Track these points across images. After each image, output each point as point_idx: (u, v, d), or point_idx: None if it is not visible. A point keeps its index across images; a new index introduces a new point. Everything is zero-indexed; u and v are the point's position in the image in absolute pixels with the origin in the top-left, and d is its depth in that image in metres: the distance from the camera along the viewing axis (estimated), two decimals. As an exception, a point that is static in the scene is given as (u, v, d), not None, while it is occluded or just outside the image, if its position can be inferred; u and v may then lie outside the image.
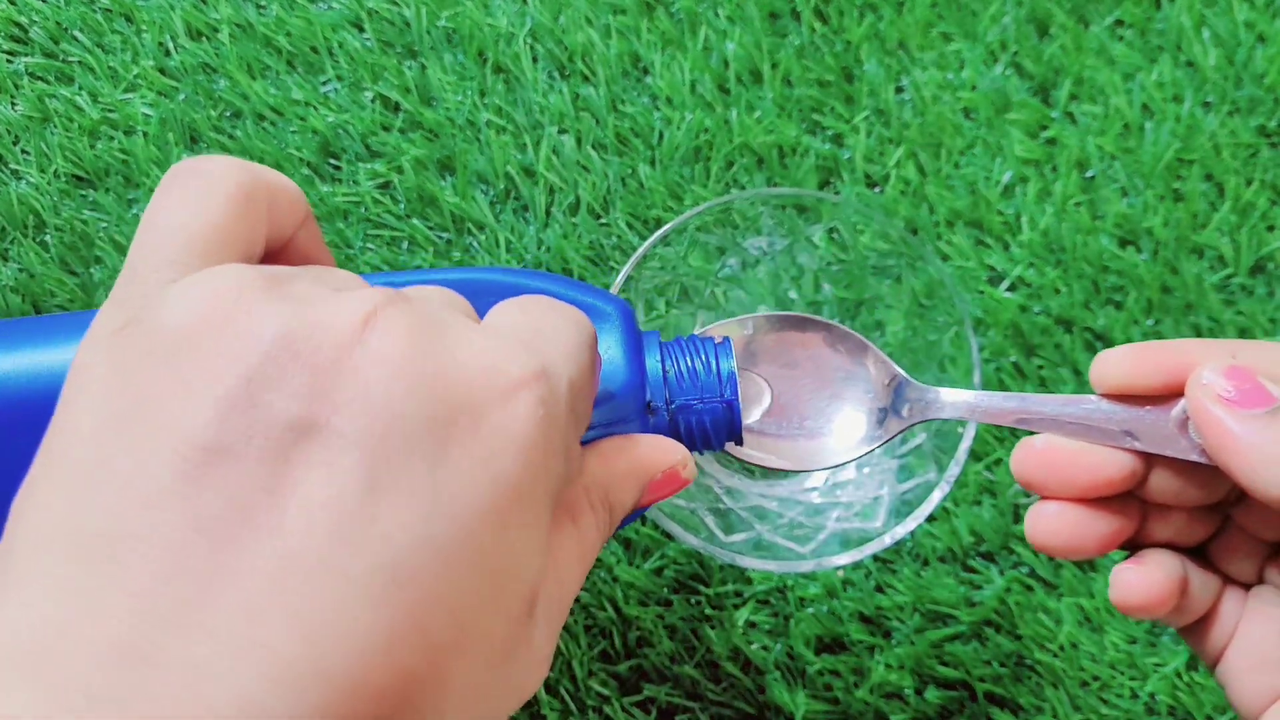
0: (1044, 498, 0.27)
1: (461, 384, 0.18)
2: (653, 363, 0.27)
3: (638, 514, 0.26)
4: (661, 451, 0.25)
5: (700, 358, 0.28)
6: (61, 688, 0.15)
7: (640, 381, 0.26)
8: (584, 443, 0.24)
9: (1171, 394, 0.26)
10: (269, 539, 0.16)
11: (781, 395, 0.31)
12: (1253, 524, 0.27)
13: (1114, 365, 0.26)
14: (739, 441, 0.28)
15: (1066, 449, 0.26)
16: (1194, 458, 0.25)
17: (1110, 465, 0.26)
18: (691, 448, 0.28)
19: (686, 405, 0.27)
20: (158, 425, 0.17)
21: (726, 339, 0.28)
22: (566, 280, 0.27)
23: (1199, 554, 0.28)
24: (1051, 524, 0.27)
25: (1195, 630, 0.28)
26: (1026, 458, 0.27)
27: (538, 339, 0.20)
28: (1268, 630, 0.26)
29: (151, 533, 0.16)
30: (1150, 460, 0.26)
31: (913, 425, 0.29)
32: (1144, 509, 0.27)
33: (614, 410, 0.26)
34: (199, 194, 0.20)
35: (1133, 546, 0.28)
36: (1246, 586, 0.28)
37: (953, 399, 0.29)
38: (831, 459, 0.30)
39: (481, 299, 0.23)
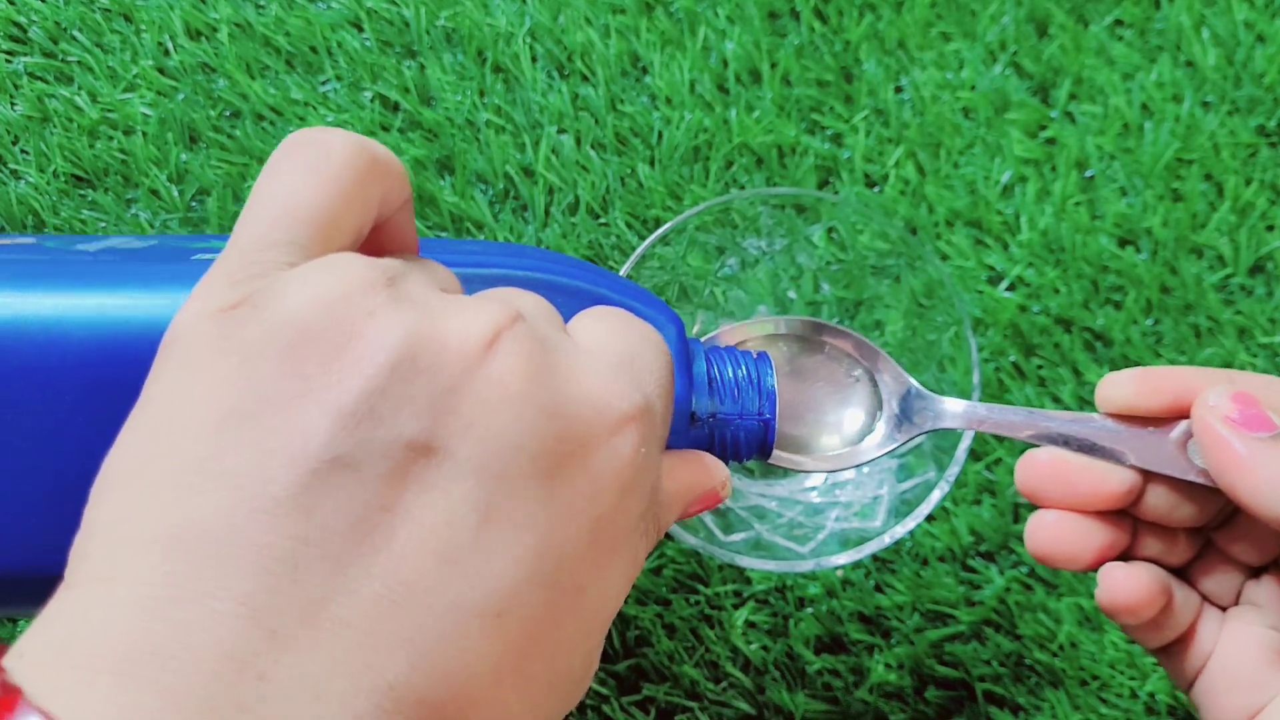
0: (1044, 508, 0.28)
1: (576, 419, 0.18)
2: (696, 373, 0.27)
3: None
4: (708, 472, 0.25)
5: (742, 371, 0.27)
6: (185, 697, 0.14)
7: (688, 396, 0.26)
8: None
9: (1173, 416, 0.27)
10: (382, 559, 0.16)
11: (794, 398, 0.31)
12: (1235, 547, 0.28)
13: (1120, 387, 0.27)
14: (767, 457, 0.28)
15: (1070, 462, 0.27)
16: (1192, 477, 0.26)
17: (1111, 480, 0.27)
18: (721, 459, 0.28)
19: (726, 419, 0.27)
20: (278, 429, 0.16)
21: (765, 354, 0.28)
22: (626, 285, 0.27)
23: (1180, 576, 0.29)
24: (1051, 532, 0.27)
25: (1172, 651, 0.28)
26: (1030, 469, 0.28)
27: (636, 369, 0.20)
28: (1245, 650, 0.27)
29: (266, 541, 0.16)
30: (1147, 479, 0.27)
31: (923, 434, 0.30)
32: (1135, 526, 0.28)
33: None
34: (316, 169, 0.19)
35: (1122, 561, 0.28)
36: (1222, 609, 0.28)
37: (963, 410, 0.29)
38: (843, 461, 0.31)
39: (546, 295, 0.22)
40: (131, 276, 0.22)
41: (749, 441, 0.27)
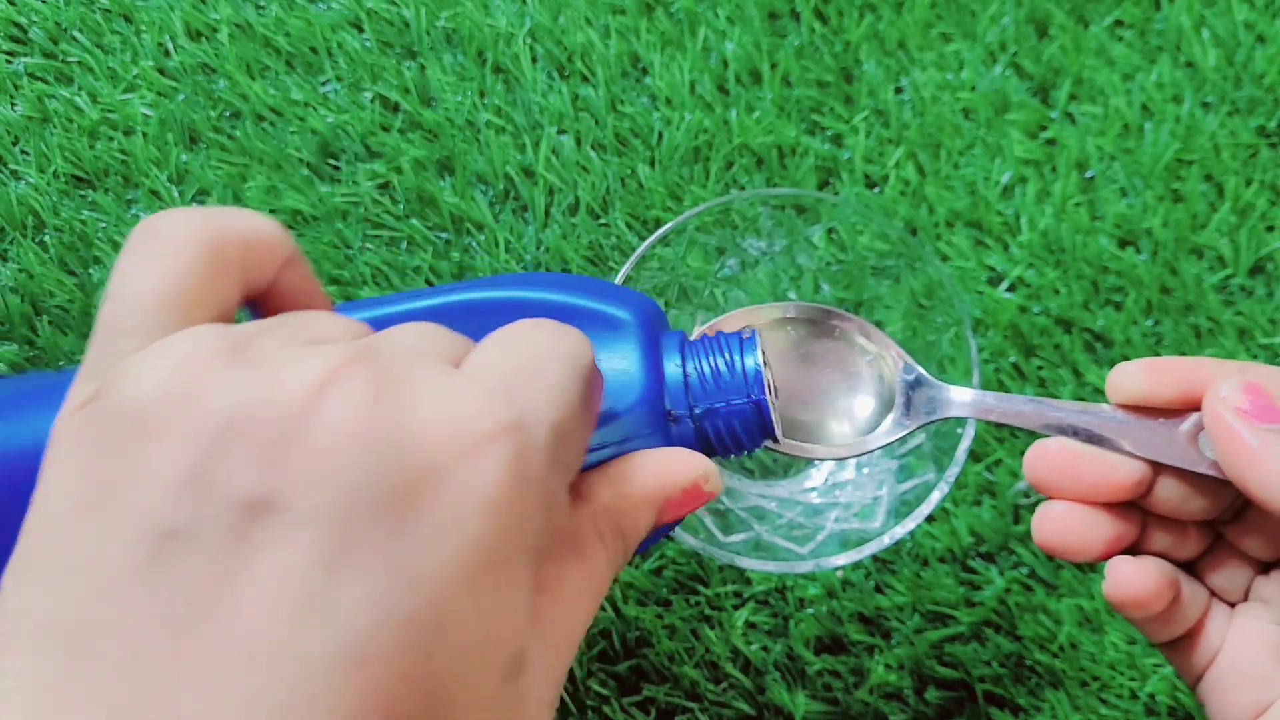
0: (1053, 498, 0.28)
1: (421, 446, 0.17)
2: (673, 368, 0.26)
3: (661, 533, 0.24)
4: (678, 467, 0.23)
5: (723, 356, 0.26)
6: None
7: (658, 392, 0.25)
8: (595, 464, 0.23)
9: (1184, 408, 0.26)
10: (228, 624, 0.16)
11: (803, 384, 0.31)
12: (1245, 542, 0.28)
13: (1130, 378, 0.27)
14: (776, 440, 0.27)
15: (1080, 452, 0.27)
16: (1203, 470, 0.26)
17: (1121, 471, 0.27)
18: (725, 454, 0.27)
19: (712, 410, 0.25)
20: (117, 510, 0.16)
21: (753, 332, 0.27)
22: (583, 284, 0.25)
23: (1189, 570, 0.29)
24: (1059, 523, 0.27)
25: (1179, 646, 0.28)
26: (1040, 459, 0.27)
27: (518, 382, 0.19)
28: (1253, 646, 0.27)
29: (115, 624, 0.16)
30: (1157, 471, 0.27)
31: (930, 423, 0.30)
32: (1144, 519, 0.28)
33: (627, 427, 0.24)
34: (159, 256, 0.19)
35: (1130, 555, 0.28)
36: (1230, 605, 0.28)
37: (971, 399, 0.29)
38: (851, 450, 0.30)
39: (488, 319, 0.22)
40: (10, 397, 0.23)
41: (745, 428, 0.26)
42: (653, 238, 0.35)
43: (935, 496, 0.32)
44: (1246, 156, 0.47)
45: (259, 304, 0.22)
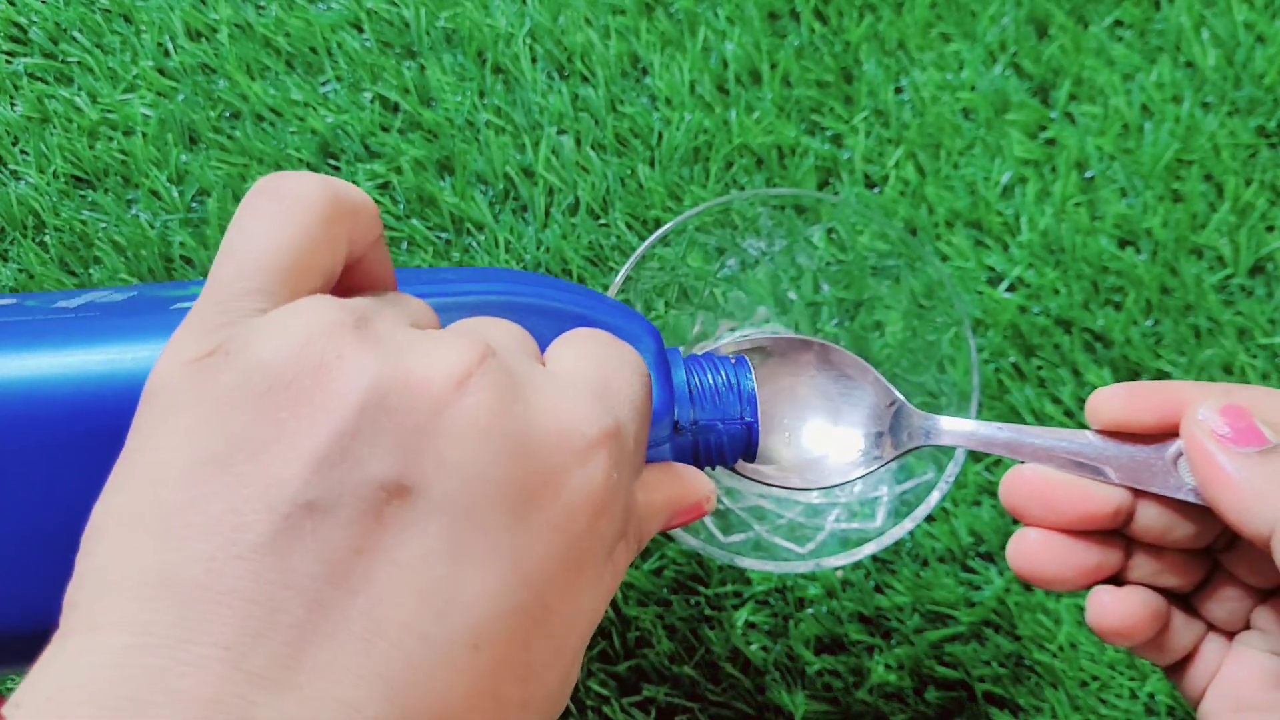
0: (1029, 525, 0.27)
1: (545, 449, 0.19)
2: (677, 382, 0.27)
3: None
4: (694, 485, 0.25)
5: (721, 377, 0.28)
6: None
7: (671, 407, 0.26)
8: None
9: (1165, 433, 0.26)
10: (359, 600, 0.17)
11: (783, 414, 0.31)
12: (1242, 570, 0.27)
13: (1109, 402, 0.26)
14: (751, 459, 0.29)
15: (1055, 479, 0.27)
16: (1183, 496, 0.26)
17: (1097, 498, 0.26)
18: (706, 464, 0.28)
19: (709, 425, 0.27)
20: (253, 475, 0.17)
21: (743, 358, 0.28)
22: (602, 301, 0.27)
23: (1184, 600, 0.28)
24: (1033, 551, 0.27)
25: (1177, 669, 0.28)
26: (1015, 485, 0.27)
27: (608, 392, 0.21)
28: (1249, 674, 0.27)
29: (245, 586, 0.16)
30: (1138, 498, 0.27)
31: (910, 451, 0.30)
32: (1128, 548, 0.27)
33: (650, 436, 0.26)
34: (282, 218, 0.20)
35: (1115, 584, 0.28)
36: (1230, 635, 0.28)
37: (951, 427, 0.29)
38: (829, 479, 0.31)
39: (518, 318, 0.23)
40: (112, 331, 0.22)
41: (732, 445, 0.28)
42: (653, 238, 0.35)
43: (935, 496, 0.32)
44: (1246, 156, 0.47)
45: (343, 278, 0.22)
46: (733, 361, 0.28)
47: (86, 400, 0.21)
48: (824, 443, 0.31)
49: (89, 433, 0.21)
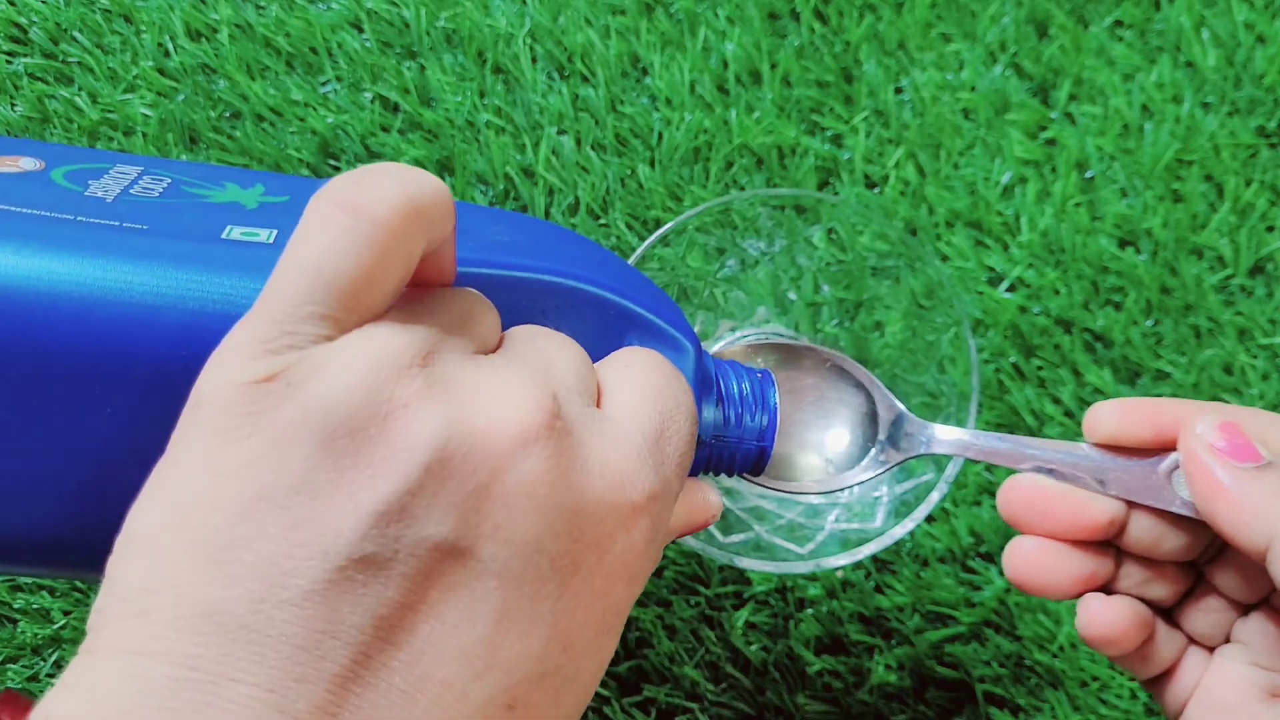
0: (1025, 534, 0.28)
1: (595, 518, 0.19)
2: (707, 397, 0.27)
3: None
4: (705, 502, 0.26)
5: (747, 390, 0.27)
6: None
7: (702, 424, 0.26)
8: None
9: (1160, 448, 0.27)
10: (403, 655, 0.17)
11: (786, 418, 0.31)
12: (1226, 584, 0.27)
13: (1106, 417, 0.27)
14: (757, 474, 0.29)
15: (1052, 489, 0.27)
16: (1177, 509, 0.26)
17: (1093, 509, 0.27)
18: (713, 472, 0.28)
19: (727, 441, 0.27)
20: (308, 522, 0.16)
21: (768, 372, 0.28)
22: (652, 294, 0.26)
23: (1166, 614, 0.29)
24: (1029, 558, 0.27)
25: (1158, 684, 0.29)
26: (1013, 495, 0.28)
27: (660, 446, 0.21)
28: (1232, 685, 0.27)
29: (292, 632, 0.16)
30: (1131, 510, 0.27)
31: (908, 459, 0.30)
32: (1119, 559, 0.28)
33: None
34: (355, 236, 0.18)
35: (1104, 593, 0.28)
36: (1210, 648, 0.28)
37: (949, 436, 0.29)
38: (829, 484, 0.31)
39: (572, 311, 0.23)
40: (160, 257, 0.21)
41: (744, 461, 0.27)
42: (653, 238, 0.35)
43: (935, 496, 0.32)
44: (1246, 156, 0.47)
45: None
46: (759, 376, 0.28)
47: (130, 332, 0.20)
48: (825, 448, 0.31)
49: (129, 365, 0.20)
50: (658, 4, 0.49)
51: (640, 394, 0.22)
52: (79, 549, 0.21)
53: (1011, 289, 0.45)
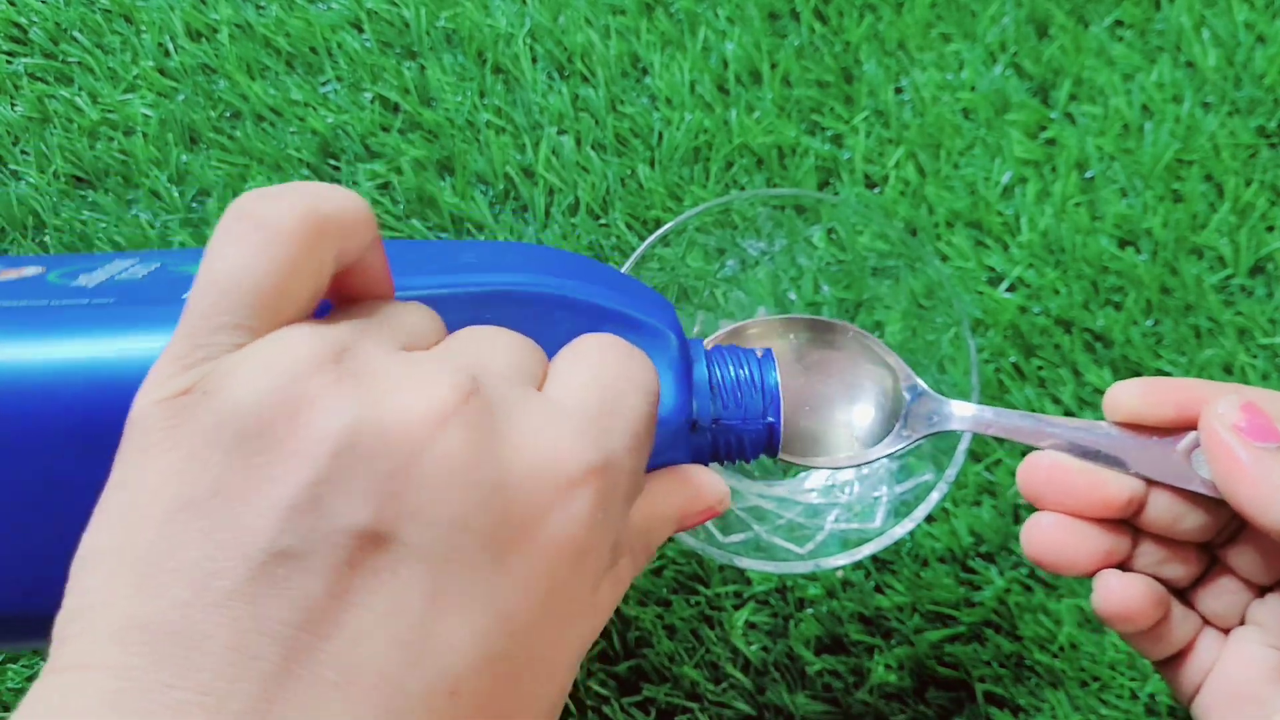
0: (1044, 510, 0.28)
1: (522, 491, 0.18)
2: (697, 378, 0.26)
3: None
4: (705, 490, 0.25)
5: (745, 372, 0.27)
6: None
7: (688, 409, 0.25)
8: None
9: (1180, 427, 0.27)
10: (334, 648, 0.17)
11: (805, 392, 0.31)
12: (1241, 564, 0.28)
13: (1127, 396, 0.27)
14: (773, 455, 0.28)
15: (1072, 467, 0.27)
16: (1196, 488, 0.26)
17: (1112, 487, 0.27)
18: (725, 461, 0.28)
19: (729, 425, 0.26)
20: (227, 522, 0.17)
21: (769, 352, 0.28)
22: (625, 286, 0.26)
23: (1180, 595, 0.29)
24: (1048, 534, 0.28)
25: (1172, 665, 0.29)
26: (1033, 472, 0.28)
27: (604, 417, 0.20)
28: (1247, 667, 0.27)
29: (220, 633, 0.16)
30: (1150, 489, 0.27)
31: (929, 436, 0.30)
32: (1136, 538, 0.28)
33: (660, 440, 0.25)
34: (261, 246, 0.18)
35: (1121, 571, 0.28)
36: (1225, 630, 0.28)
37: (970, 414, 0.29)
38: (856, 460, 0.31)
39: (534, 313, 0.22)
40: (124, 321, 0.22)
41: (754, 444, 0.27)
42: (653, 238, 0.35)
43: (934, 496, 0.32)
44: (1246, 156, 0.47)
45: (336, 283, 0.22)
46: (758, 355, 0.27)
47: (94, 395, 0.21)
48: (853, 423, 0.31)
49: (95, 428, 0.21)
50: (658, 4, 0.49)
51: (586, 373, 0.21)
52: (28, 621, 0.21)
53: (1011, 289, 0.45)
